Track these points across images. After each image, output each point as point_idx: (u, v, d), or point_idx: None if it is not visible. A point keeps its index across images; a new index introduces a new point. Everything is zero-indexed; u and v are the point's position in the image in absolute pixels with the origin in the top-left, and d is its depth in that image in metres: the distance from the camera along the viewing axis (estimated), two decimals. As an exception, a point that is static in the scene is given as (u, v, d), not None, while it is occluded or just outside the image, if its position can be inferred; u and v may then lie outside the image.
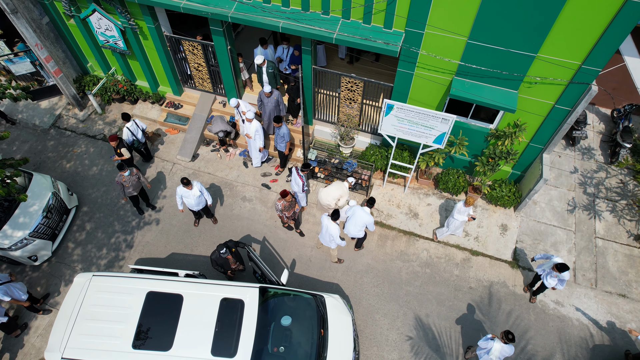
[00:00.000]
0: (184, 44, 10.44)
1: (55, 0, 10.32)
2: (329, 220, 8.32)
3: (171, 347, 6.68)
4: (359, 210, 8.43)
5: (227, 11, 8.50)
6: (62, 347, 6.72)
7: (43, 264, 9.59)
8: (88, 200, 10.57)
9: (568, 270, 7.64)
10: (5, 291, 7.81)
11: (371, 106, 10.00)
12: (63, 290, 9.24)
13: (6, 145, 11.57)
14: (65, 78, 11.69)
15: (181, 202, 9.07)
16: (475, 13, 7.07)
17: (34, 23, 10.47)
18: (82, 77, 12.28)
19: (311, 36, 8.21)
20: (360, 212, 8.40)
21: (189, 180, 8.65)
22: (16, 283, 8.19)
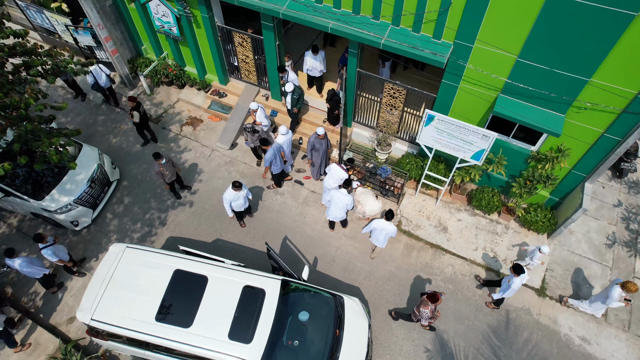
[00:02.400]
0: (235, 35, 10.73)
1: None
2: None
3: (191, 325, 6.93)
4: (337, 193, 8.78)
5: (279, 7, 8.69)
6: (93, 309, 7.11)
7: (82, 230, 10.13)
8: (129, 175, 11.07)
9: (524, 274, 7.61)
10: (53, 252, 8.36)
11: (412, 115, 9.97)
12: (98, 256, 9.73)
13: (62, 116, 12.27)
14: (121, 58, 12.27)
15: (230, 207, 9.07)
16: (529, 31, 6.94)
17: (99, 4, 11.04)
18: (136, 59, 12.85)
19: (359, 39, 8.28)
20: (338, 195, 8.76)
21: (240, 183, 8.68)
22: (59, 245, 8.71)
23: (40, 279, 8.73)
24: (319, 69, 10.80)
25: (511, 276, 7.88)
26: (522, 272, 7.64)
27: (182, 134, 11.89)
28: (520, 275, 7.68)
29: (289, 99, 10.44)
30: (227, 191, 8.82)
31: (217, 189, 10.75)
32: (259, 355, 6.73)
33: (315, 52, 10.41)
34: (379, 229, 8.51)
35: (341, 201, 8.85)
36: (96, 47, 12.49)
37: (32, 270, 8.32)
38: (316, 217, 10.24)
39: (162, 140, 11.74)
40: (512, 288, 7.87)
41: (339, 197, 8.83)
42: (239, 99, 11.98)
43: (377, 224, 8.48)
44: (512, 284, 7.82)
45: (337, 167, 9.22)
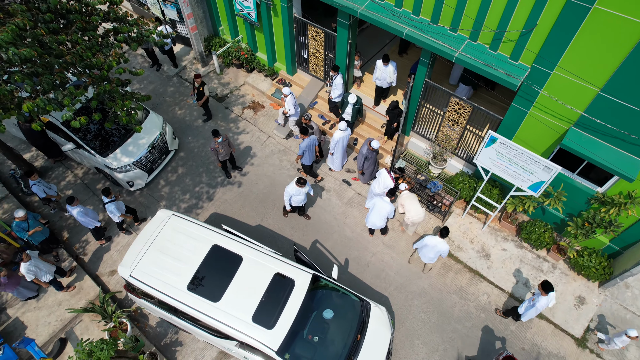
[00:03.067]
0: (309, 28, 10.86)
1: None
2: None
3: (219, 300, 7.14)
4: (380, 201, 8.64)
5: (357, 7, 8.70)
6: (133, 266, 7.51)
7: (136, 191, 10.72)
8: (186, 147, 11.55)
9: (552, 294, 7.23)
10: (116, 206, 8.92)
11: (473, 133, 9.65)
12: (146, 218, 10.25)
13: (137, 82, 13.00)
14: (199, 35, 12.80)
15: (289, 201, 9.21)
16: (618, 65, 6.49)
17: (188, -18, 11.57)
18: (212, 38, 13.35)
19: (432, 49, 8.11)
20: (381, 203, 8.63)
21: (305, 181, 8.76)
22: (120, 202, 9.24)
23: (92, 230, 9.34)
24: (388, 80, 10.55)
25: (537, 294, 7.43)
26: (551, 291, 7.19)
27: (243, 117, 12.23)
28: (548, 294, 7.22)
29: (350, 109, 10.34)
30: (290, 185, 8.90)
31: (267, 175, 10.97)
32: (278, 342, 6.82)
33: (386, 62, 10.17)
34: (430, 245, 8.31)
35: (383, 209, 8.75)
36: (179, 22, 13.10)
37: (85, 220, 8.91)
38: (357, 220, 10.19)
39: (223, 120, 12.14)
40: (536, 307, 7.44)
41: (382, 205, 8.73)
42: (302, 91, 12.14)
43: (430, 241, 8.27)
44: (537, 302, 7.40)
45: (385, 174, 9.12)
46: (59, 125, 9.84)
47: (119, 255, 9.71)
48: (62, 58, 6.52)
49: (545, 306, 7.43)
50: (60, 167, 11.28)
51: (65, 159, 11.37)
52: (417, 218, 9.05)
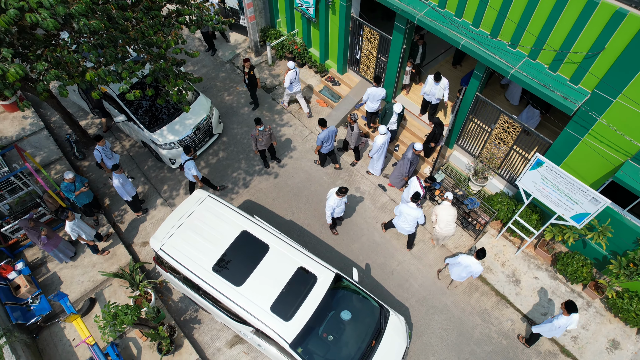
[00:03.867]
0: (365, 29, 10.83)
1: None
2: None
3: (241, 285, 7.27)
4: (406, 207, 8.60)
5: (416, 13, 8.58)
6: (164, 240, 7.78)
7: (176, 169, 11.07)
8: (230, 133, 11.81)
9: (575, 315, 6.85)
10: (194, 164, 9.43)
11: (519, 154, 9.32)
12: (182, 196, 10.58)
13: (191, 64, 13.41)
14: (256, 25, 13.03)
15: (332, 215, 8.98)
16: (687, 102, 6.09)
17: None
18: (268, 29, 13.56)
19: (488, 63, 7.89)
20: (407, 209, 8.58)
21: (346, 189, 8.56)
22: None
23: (128, 202, 9.69)
24: (437, 96, 10.26)
25: (559, 314, 7.08)
26: (574, 312, 6.85)
27: (288, 109, 12.35)
28: (570, 315, 6.88)
29: (395, 119, 10.16)
30: (330, 198, 8.73)
31: (304, 170, 11.05)
32: (293, 335, 6.87)
33: (437, 80, 9.90)
34: (464, 264, 8.06)
35: (410, 215, 8.62)
36: (238, 10, 13.39)
37: (121, 190, 9.23)
38: (388, 226, 10.09)
39: (268, 110, 12.32)
40: (553, 323, 7.12)
41: (408, 211, 8.60)
42: (350, 91, 12.13)
43: (464, 260, 8.03)
44: (557, 320, 7.08)
45: (416, 182, 8.96)
46: (114, 97, 10.31)
47: (153, 228, 10.07)
48: (126, 33, 6.83)
49: (563, 327, 7.10)
50: (110, 137, 11.82)
51: (115, 130, 11.91)
52: (446, 231, 8.84)
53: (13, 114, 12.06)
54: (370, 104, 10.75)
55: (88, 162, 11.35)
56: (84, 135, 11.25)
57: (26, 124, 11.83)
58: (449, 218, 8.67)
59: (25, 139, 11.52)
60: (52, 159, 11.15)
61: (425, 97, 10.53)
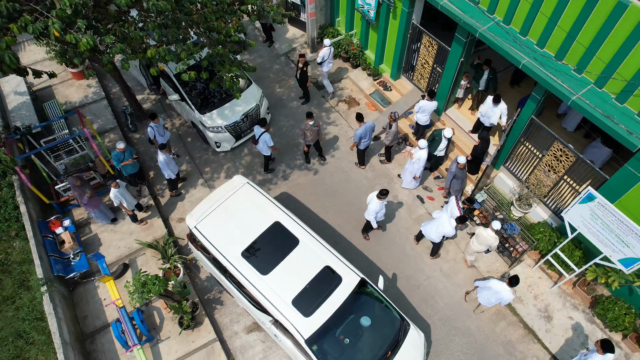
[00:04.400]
0: (424, 37, 10.66)
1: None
2: None
3: (267, 274, 7.37)
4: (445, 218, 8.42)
5: (479, 26, 8.35)
6: (200, 219, 8.02)
7: (220, 153, 11.36)
8: (276, 124, 11.98)
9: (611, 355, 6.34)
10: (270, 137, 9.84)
11: (570, 185, 8.87)
12: (222, 179, 10.84)
13: (248, 53, 13.70)
14: (315, 22, 13.12)
15: (375, 219, 8.87)
16: None
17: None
18: (326, 27, 13.61)
19: (549, 87, 7.56)
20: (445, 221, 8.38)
21: (387, 191, 8.44)
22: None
23: (169, 180, 10.02)
24: (492, 121, 9.89)
25: (592, 351, 6.66)
26: (611, 352, 6.42)
27: (336, 109, 12.37)
28: (605, 355, 6.45)
29: (444, 145, 9.87)
30: (372, 202, 8.57)
31: (344, 170, 11.04)
32: (310, 331, 6.89)
33: (496, 102, 9.53)
34: (494, 290, 7.75)
35: (442, 226, 8.42)
36: (299, 5, 13.54)
37: (164, 168, 9.54)
38: (422, 240, 9.89)
39: (317, 107, 12.39)
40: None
41: (445, 222, 8.37)
42: (401, 98, 11.99)
43: (495, 285, 7.72)
44: (590, 358, 6.66)
45: (454, 202, 8.68)
46: (171, 76, 10.70)
47: (190, 207, 10.39)
48: (190, 16, 7.07)
49: None
50: (162, 114, 12.29)
51: (168, 108, 12.37)
52: (480, 249, 8.58)
53: (79, 81, 12.79)
54: (421, 115, 10.57)
55: (139, 134, 11.86)
56: (139, 109, 11.75)
57: (89, 92, 12.51)
58: (490, 240, 8.40)
59: (86, 106, 12.19)
60: (108, 127, 11.73)
61: (480, 118, 10.17)
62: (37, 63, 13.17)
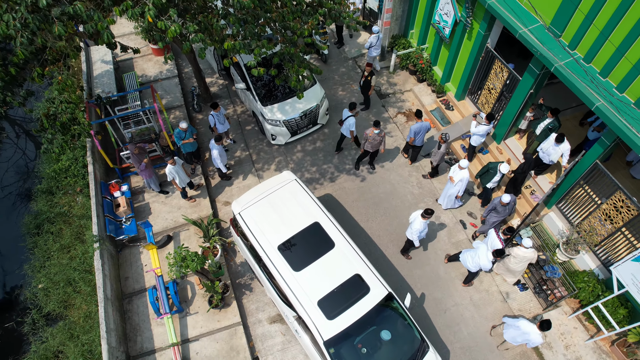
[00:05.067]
0: (496, 62, 10.43)
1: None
2: None
3: (298, 271, 7.60)
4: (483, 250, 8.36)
5: (556, 60, 8.09)
6: (244, 207, 8.37)
7: (274, 146, 11.72)
8: (332, 126, 12.18)
9: None
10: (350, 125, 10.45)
11: (626, 239, 8.41)
12: (272, 171, 11.20)
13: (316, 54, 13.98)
14: (388, 31, 13.16)
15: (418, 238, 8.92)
16: None
17: (401, -20, 11.92)
18: (399, 37, 13.61)
19: (621, 134, 7.22)
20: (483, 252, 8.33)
21: (432, 210, 8.45)
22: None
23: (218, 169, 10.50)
24: (552, 159, 9.55)
25: None
26: None
27: (394, 120, 12.39)
28: None
29: (498, 178, 9.63)
30: (416, 221, 8.64)
31: (391, 182, 11.06)
32: (330, 334, 7.05)
33: (559, 142, 9.12)
34: (522, 330, 7.53)
35: (479, 257, 8.35)
36: (377, 13, 13.63)
37: (216, 159, 9.99)
38: (457, 265, 9.76)
39: (376, 115, 12.47)
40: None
41: (482, 255, 8.30)
42: (461, 120, 11.81)
43: (525, 326, 7.49)
44: None
45: (494, 235, 8.47)
46: (241, 66, 11.16)
47: (238, 192, 10.83)
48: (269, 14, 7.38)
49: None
50: (227, 100, 12.84)
51: (233, 95, 12.91)
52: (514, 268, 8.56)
53: (157, 57, 13.62)
54: (475, 137, 10.39)
55: (202, 115, 12.47)
56: (206, 91, 12.36)
57: (164, 69, 13.30)
58: (530, 255, 8.34)
59: (159, 81, 12.97)
60: (175, 104, 12.43)
61: (539, 153, 9.80)
62: (125, 36, 14.16)
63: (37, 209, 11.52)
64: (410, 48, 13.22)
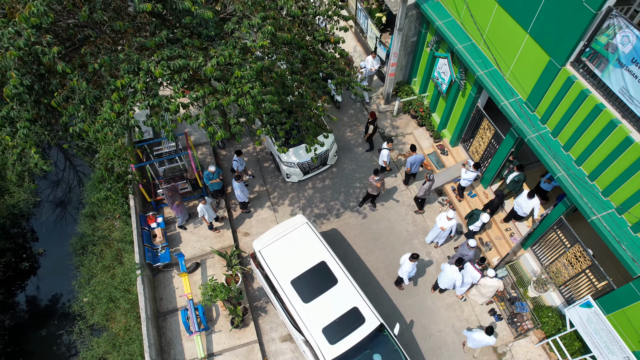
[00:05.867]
0: (485, 120, 11.99)
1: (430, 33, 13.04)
2: None
3: (307, 303, 9.26)
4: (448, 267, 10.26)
5: (529, 132, 9.63)
6: (264, 245, 10.05)
7: (288, 183, 13.40)
8: (340, 166, 13.82)
9: None
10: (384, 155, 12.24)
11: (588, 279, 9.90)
12: (286, 206, 12.86)
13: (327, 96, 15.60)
14: (394, 79, 14.75)
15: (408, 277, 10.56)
16: None
17: (405, 38, 13.50)
18: (403, 84, 15.18)
19: (574, 201, 8.76)
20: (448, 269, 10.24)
21: (418, 255, 10.05)
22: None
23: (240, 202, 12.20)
24: (524, 211, 11.02)
25: None
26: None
27: (395, 162, 13.98)
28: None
29: (479, 224, 11.17)
30: (405, 264, 10.22)
31: (389, 219, 12.67)
32: (332, 356, 8.69)
33: (530, 197, 10.65)
34: (478, 340, 9.44)
35: (446, 275, 10.28)
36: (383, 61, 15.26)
37: (239, 194, 11.69)
38: (442, 296, 11.35)
39: (373, 153, 14.06)
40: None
41: (449, 272, 10.22)
42: (454, 165, 13.38)
43: (478, 336, 9.38)
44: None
45: (471, 267, 10.15)
46: (262, 114, 12.83)
47: (256, 224, 12.51)
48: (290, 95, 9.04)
49: None
50: (247, 137, 14.49)
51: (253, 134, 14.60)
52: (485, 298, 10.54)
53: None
54: (462, 180, 11.98)
55: (226, 152, 14.16)
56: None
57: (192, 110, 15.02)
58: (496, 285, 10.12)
59: (188, 119, 14.69)
60: (202, 141, 14.15)
61: (514, 206, 11.33)
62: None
63: (81, 231, 13.31)
64: (412, 95, 14.80)
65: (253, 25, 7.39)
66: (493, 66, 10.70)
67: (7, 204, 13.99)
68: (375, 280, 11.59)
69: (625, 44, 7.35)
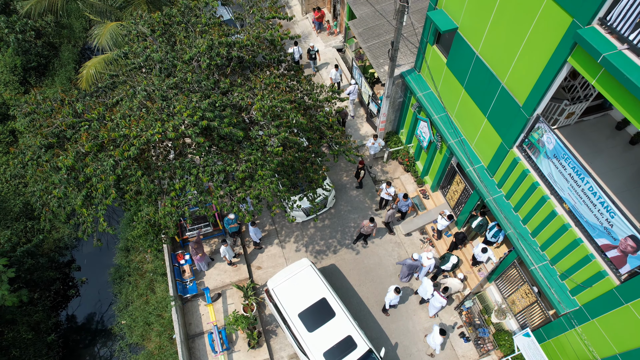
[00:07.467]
0: (457, 176, 14.48)
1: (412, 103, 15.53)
2: None
3: (311, 332, 11.70)
4: (426, 281, 13.01)
5: (488, 194, 12.12)
6: (276, 285, 12.50)
7: (294, 223, 15.85)
8: (338, 207, 16.28)
9: None
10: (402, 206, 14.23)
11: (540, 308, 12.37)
12: (292, 243, 15.30)
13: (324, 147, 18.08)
14: (383, 133, 17.23)
15: (390, 304, 13.34)
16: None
17: (393, 100, 16.00)
18: (392, 134, 17.67)
19: (519, 254, 11.26)
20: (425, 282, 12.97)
21: (400, 289, 12.91)
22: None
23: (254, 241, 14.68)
24: (481, 259, 13.66)
25: None
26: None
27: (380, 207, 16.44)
28: None
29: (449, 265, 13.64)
30: (389, 293, 12.79)
31: (378, 255, 15.14)
32: (330, 375, 11.18)
33: (484, 252, 13.21)
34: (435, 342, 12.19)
35: (425, 288, 13.02)
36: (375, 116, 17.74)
37: (253, 236, 14.17)
38: (422, 321, 13.81)
39: (370, 198, 16.54)
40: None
41: (425, 284, 13.02)
42: (434, 208, 15.87)
43: (435, 339, 12.07)
44: None
45: (437, 295, 12.70)
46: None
47: (267, 259, 14.96)
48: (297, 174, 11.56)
49: None
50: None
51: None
52: None
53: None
54: (440, 225, 14.49)
55: (240, 194, 16.60)
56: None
57: (211, 154, 17.47)
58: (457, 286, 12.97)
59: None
60: (220, 185, 16.57)
61: (474, 254, 13.90)
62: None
63: (118, 263, 15.73)
64: (400, 144, 17.28)
65: (271, 135, 9.89)
66: (463, 135, 13.21)
67: (53, 238, 16.41)
68: (366, 307, 14.05)
69: (549, 143, 9.85)
